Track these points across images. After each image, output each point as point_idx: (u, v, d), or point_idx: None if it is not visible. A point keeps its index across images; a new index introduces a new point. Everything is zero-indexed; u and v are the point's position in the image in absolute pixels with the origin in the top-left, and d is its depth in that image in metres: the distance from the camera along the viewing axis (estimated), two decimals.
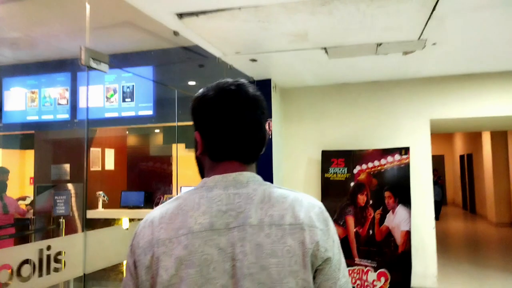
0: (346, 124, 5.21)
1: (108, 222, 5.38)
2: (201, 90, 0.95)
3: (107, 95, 5.49)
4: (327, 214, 0.93)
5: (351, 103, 5.22)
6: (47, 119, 5.75)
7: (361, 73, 4.78)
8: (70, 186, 5.49)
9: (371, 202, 4.72)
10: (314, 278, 0.85)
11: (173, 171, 7.03)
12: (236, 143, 0.90)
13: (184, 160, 7.04)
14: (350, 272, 4.66)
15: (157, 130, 8.24)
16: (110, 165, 6.03)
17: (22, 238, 5.32)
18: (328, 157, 5.06)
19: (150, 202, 5.38)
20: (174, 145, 7.31)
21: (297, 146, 5.39)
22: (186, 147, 7.05)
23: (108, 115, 5.49)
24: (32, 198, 5.73)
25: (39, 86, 5.79)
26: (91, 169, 5.68)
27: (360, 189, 4.80)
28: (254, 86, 0.97)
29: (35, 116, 5.77)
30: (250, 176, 0.91)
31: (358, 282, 4.61)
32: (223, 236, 0.82)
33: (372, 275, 4.56)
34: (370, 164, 4.81)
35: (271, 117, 4.86)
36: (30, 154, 6.72)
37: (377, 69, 4.56)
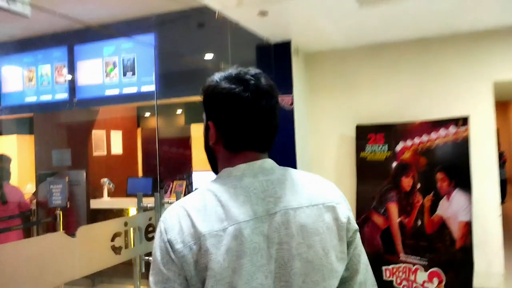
0: (386, 92, 4.30)
1: (115, 213, 4.79)
2: (213, 78, 0.93)
3: (106, 70, 4.84)
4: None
5: (391, 67, 4.31)
6: (45, 100, 5.20)
7: (402, 29, 3.85)
8: (72, 173, 4.92)
9: (418, 186, 3.84)
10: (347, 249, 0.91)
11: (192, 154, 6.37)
12: (254, 133, 0.90)
13: (201, 142, 6.36)
14: (394, 270, 3.83)
15: (179, 111, 7.58)
16: (117, 149, 5.44)
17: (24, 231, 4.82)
18: (364, 133, 4.20)
19: (161, 189, 4.73)
20: (193, 125, 6.65)
21: (325, 122, 4.56)
22: None
23: (108, 92, 4.85)
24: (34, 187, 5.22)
25: (36, 64, 5.24)
26: (94, 153, 5.10)
27: (405, 170, 3.93)
28: (266, 75, 0.95)
29: (33, 97, 5.24)
30: (272, 163, 0.93)
31: (404, 282, 3.78)
32: (266, 223, 0.82)
33: (422, 275, 3.71)
34: (417, 140, 3.91)
35: (291, 89, 4.03)
36: None
37: (422, 21, 3.63)
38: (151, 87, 4.61)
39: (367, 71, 4.39)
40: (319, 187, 0.93)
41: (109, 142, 5.32)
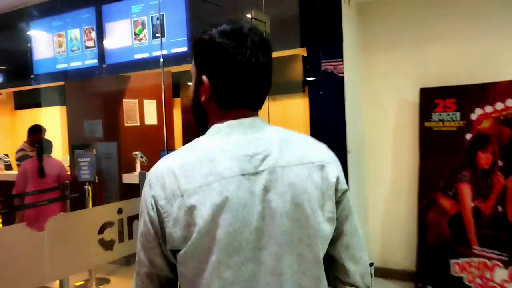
0: (459, 47, 3.51)
1: None
2: (208, 32, 0.89)
3: (135, 31, 4.40)
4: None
5: (465, 16, 3.48)
6: (76, 67, 4.88)
7: None
8: (103, 145, 4.62)
9: (500, 163, 3.09)
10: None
11: None
12: (249, 90, 0.88)
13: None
14: (466, 265, 3.16)
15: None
16: (151, 119, 5.05)
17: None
18: (430, 97, 3.48)
19: None
20: None
21: (382, 86, 3.85)
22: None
23: (137, 56, 4.41)
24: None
25: (65, 28, 4.90)
26: (126, 124, 4.74)
27: (483, 143, 3.19)
28: (260, 30, 0.92)
29: (64, 64, 4.93)
30: (263, 121, 0.91)
31: (477, 280, 3.11)
32: (253, 180, 0.81)
33: (501, 273, 3.02)
34: (499, 105, 3.14)
35: (341, 52, 3.35)
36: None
37: None
38: (183, 49, 4.12)
39: (435, 22, 3.59)
40: (309, 147, 0.92)
41: (142, 112, 4.95)
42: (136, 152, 4.52)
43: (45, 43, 5.00)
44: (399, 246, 3.79)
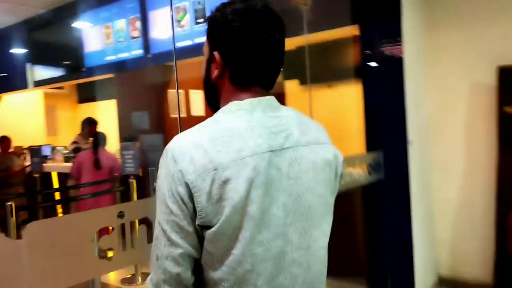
0: None
1: None
2: (221, 11, 0.89)
3: (177, 18, 4.19)
4: None
5: None
6: (123, 58, 4.80)
7: None
8: (149, 137, 4.50)
9: None
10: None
11: None
12: (261, 67, 0.88)
13: (297, 101, 5.48)
14: None
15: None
16: (198, 110, 4.85)
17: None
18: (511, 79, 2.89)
19: None
20: (287, 82, 5.77)
21: (450, 66, 3.32)
22: (301, 83, 5.44)
23: (180, 44, 4.21)
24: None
25: (112, 19, 4.83)
26: (171, 115, 4.58)
27: None
28: (273, 7, 0.90)
29: (112, 56, 4.87)
30: (276, 100, 0.91)
31: None
32: (280, 157, 0.83)
33: None
34: None
35: (399, 25, 2.88)
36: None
37: None
38: None
39: None
40: (319, 129, 0.95)
41: (189, 102, 4.76)
42: None
43: (94, 36, 4.98)
44: (473, 254, 3.26)
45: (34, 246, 1.27)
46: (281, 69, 0.92)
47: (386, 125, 2.96)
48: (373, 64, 3.00)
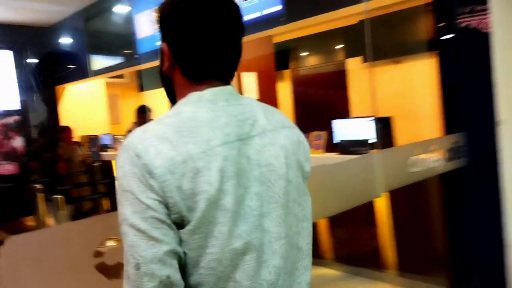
0: None
1: None
2: None
3: None
4: None
5: None
6: None
7: None
8: None
9: None
10: None
11: (349, 96, 5.10)
12: (216, 59, 0.83)
13: (360, 80, 4.97)
14: None
15: (338, 46, 6.25)
16: (250, 94, 4.55)
17: None
18: None
19: None
20: (349, 61, 5.29)
21: None
22: (365, 60, 4.94)
23: None
24: None
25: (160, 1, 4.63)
26: None
27: None
28: None
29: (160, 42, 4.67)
30: (236, 90, 0.87)
31: None
32: (248, 145, 0.80)
33: None
34: None
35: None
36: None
37: None
38: (277, 8, 3.48)
39: None
40: (280, 113, 0.93)
41: (241, 86, 4.46)
42: None
43: (145, 20, 4.83)
44: None
45: (13, 264, 1.03)
46: (239, 60, 0.87)
47: (469, 103, 2.49)
48: (451, 35, 2.52)
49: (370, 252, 3.20)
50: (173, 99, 0.88)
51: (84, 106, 7.01)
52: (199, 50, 0.81)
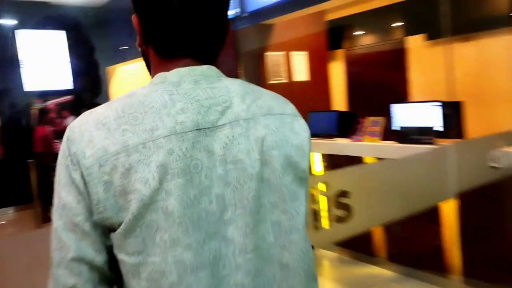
0: None
1: None
2: None
3: None
4: None
5: None
6: None
7: None
8: None
9: None
10: None
11: (409, 78, 4.71)
12: (191, 32, 0.70)
13: (423, 60, 4.52)
14: None
15: (396, 24, 5.80)
16: (301, 75, 4.25)
17: None
18: None
19: (350, 127, 3.35)
20: (409, 38, 4.87)
21: None
22: (430, 37, 4.50)
23: None
24: None
25: None
26: (269, 81, 4.06)
27: None
28: None
29: None
30: (218, 71, 0.73)
31: None
32: (211, 136, 0.66)
33: None
34: None
35: None
36: None
37: None
38: None
39: None
40: (276, 98, 0.77)
41: (289, 66, 4.18)
42: None
43: None
44: None
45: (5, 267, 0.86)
46: (223, 36, 0.75)
47: None
48: None
49: (430, 253, 2.89)
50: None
51: (134, 87, 7.04)
52: (165, 20, 0.68)
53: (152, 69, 0.75)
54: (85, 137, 0.64)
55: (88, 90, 6.57)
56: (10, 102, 5.86)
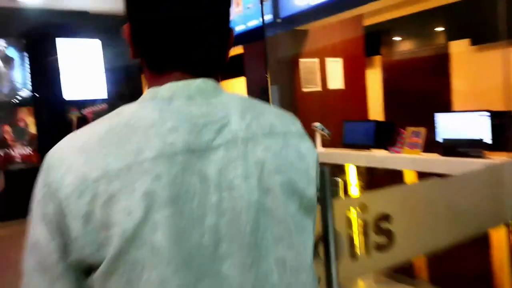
0: None
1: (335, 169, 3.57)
2: None
3: None
4: None
5: None
6: (252, 26, 4.32)
7: None
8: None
9: None
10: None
11: (452, 85, 4.46)
12: (185, 42, 0.63)
13: (468, 66, 4.25)
14: None
15: (438, 29, 5.53)
16: (336, 82, 4.09)
17: None
18: None
19: (388, 138, 3.16)
20: (452, 44, 4.62)
21: None
22: (474, 42, 4.24)
23: (314, 1, 3.52)
24: None
25: None
26: (303, 89, 3.92)
27: None
28: None
29: (242, 26, 4.44)
30: (217, 85, 0.65)
31: None
32: (205, 159, 0.58)
33: None
34: None
35: None
36: None
37: None
38: None
39: None
40: (280, 115, 0.68)
41: (324, 73, 4.03)
42: (316, 124, 3.66)
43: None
44: None
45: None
46: (224, 48, 0.66)
47: None
48: None
49: (478, 276, 2.65)
50: None
51: None
52: (155, 29, 0.62)
53: (147, 84, 0.68)
54: (65, 164, 0.57)
55: (123, 99, 6.65)
56: (48, 110, 5.99)
